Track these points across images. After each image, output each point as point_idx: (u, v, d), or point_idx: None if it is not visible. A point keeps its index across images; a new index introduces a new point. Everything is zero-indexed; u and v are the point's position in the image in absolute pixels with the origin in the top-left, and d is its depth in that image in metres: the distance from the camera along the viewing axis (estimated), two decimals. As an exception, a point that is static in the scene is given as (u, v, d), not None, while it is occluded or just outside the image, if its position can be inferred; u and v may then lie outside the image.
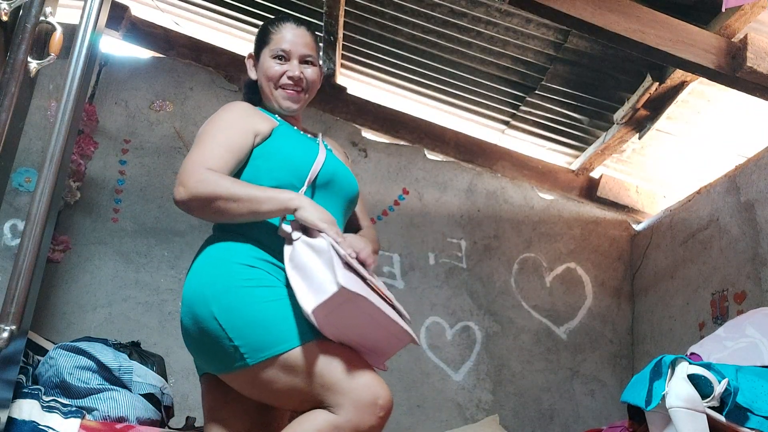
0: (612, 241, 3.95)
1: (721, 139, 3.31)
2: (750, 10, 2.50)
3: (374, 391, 1.37)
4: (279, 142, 1.61)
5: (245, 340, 1.40)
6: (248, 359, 1.40)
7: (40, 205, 1.50)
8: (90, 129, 3.51)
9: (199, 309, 1.46)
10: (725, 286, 3.03)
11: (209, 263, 1.52)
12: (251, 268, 1.48)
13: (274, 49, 1.69)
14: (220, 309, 1.42)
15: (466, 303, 3.74)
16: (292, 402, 1.45)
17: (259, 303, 1.43)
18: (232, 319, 1.41)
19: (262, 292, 1.44)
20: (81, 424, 2.12)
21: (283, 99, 1.69)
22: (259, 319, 1.41)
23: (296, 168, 1.58)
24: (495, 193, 3.91)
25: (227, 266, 1.48)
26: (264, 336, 1.40)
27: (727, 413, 1.73)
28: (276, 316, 1.42)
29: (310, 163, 1.59)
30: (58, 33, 1.55)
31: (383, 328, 1.43)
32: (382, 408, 1.37)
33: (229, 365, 1.44)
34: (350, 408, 1.35)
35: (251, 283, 1.45)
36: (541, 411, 3.66)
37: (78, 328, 3.24)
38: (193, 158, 1.49)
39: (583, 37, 3.03)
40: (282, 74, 1.68)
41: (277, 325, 1.41)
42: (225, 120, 1.58)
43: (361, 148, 3.83)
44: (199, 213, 1.48)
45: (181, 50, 3.75)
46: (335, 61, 3.62)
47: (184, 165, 1.48)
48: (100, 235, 3.42)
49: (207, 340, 1.45)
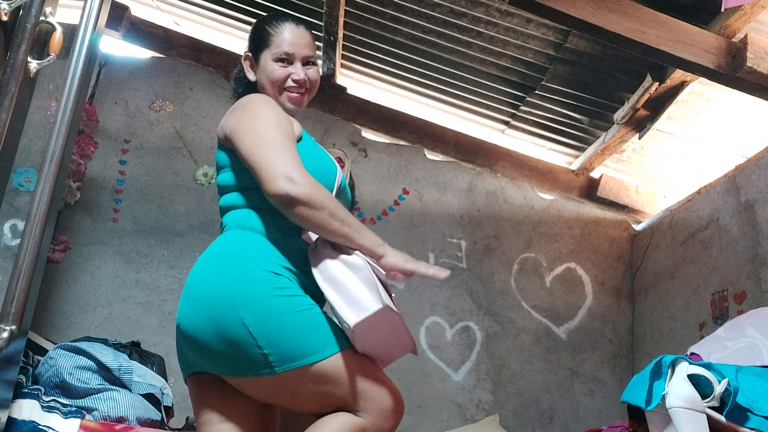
0: (612, 241, 3.95)
1: (721, 139, 3.31)
2: (750, 10, 2.49)
3: (396, 398, 1.48)
4: (311, 147, 1.62)
5: (276, 349, 1.40)
6: (276, 368, 1.40)
7: (40, 205, 1.50)
8: (90, 129, 3.51)
9: (226, 313, 1.42)
10: (725, 286, 3.03)
11: (235, 265, 1.48)
12: (278, 276, 1.47)
13: (276, 51, 1.67)
14: (250, 316, 1.40)
15: (466, 303, 3.74)
16: (314, 406, 1.48)
17: (290, 312, 1.43)
18: (263, 328, 1.40)
19: (293, 301, 1.45)
20: (81, 424, 2.12)
21: (289, 102, 1.69)
22: (290, 329, 1.42)
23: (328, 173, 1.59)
24: (495, 193, 3.91)
25: (256, 272, 1.45)
26: (294, 346, 1.41)
27: (727, 413, 1.73)
28: (306, 326, 1.44)
29: (333, 173, 1.61)
30: (58, 33, 1.55)
31: (398, 340, 1.50)
32: (401, 413, 1.48)
33: (251, 371, 1.43)
34: (375, 413, 1.44)
35: (282, 292, 1.44)
36: (541, 411, 3.66)
37: (78, 328, 3.24)
38: (284, 157, 1.44)
39: (583, 37, 3.03)
40: (287, 77, 1.67)
41: (308, 335, 1.43)
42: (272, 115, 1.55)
43: (361, 148, 3.83)
44: (297, 213, 1.43)
45: (181, 50, 3.75)
46: (335, 61, 3.62)
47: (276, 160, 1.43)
48: (100, 235, 3.42)
49: (227, 344, 1.42)
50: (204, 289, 1.46)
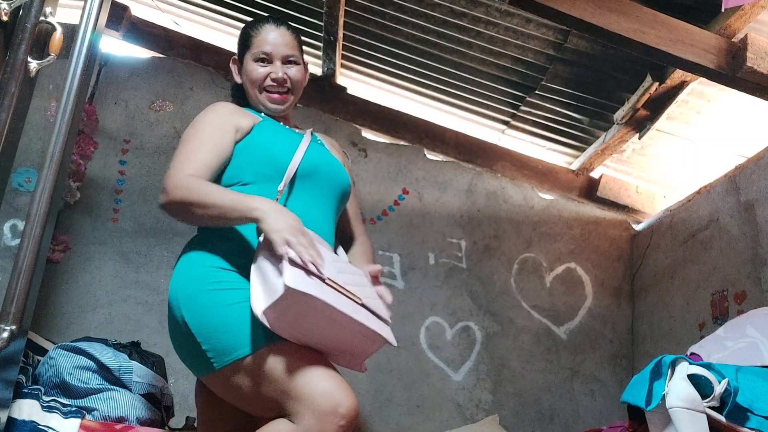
0: (612, 241, 3.95)
1: (721, 139, 3.31)
2: (750, 10, 2.49)
3: (334, 399, 1.31)
4: (259, 137, 1.61)
5: (212, 344, 1.40)
6: (215, 363, 1.40)
7: (40, 205, 1.51)
8: (90, 129, 3.51)
9: (174, 312, 1.48)
10: (725, 286, 3.03)
11: (184, 266, 1.53)
12: (223, 270, 1.47)
13: (255, 52, 1.69)
14: (188, 313, 1.43)
15: (466, 303, 3.74)
16: (259, 407, 1.42)
17: (222, 306, 1.42)
18: (198, 323, 1.42)
19: (228, 295, 1.43)
20: (81, 424, 2.12)
21: (269, 102, 1.69)
22: (223, 323, 1.40)
23: (276, 161, 1.57)
24: (495, 193, 3.91)
25: (198, 270, 1.48)
26: (228, 340, 1.39)
27: (727, 413, 1.73)
28: (239, 318, 1.40)
29: (290, 155, 1.58)
30: (58, 33, 1.55)
31: (346, 329, 1.38)
32: (343, 416, 1.30)
33: (202, 369, 1.45)
34: (308, 416, 1.30)
35: (218, 286, 1.44)
36: (541, 411, 3.66)
37: (78, 328, 3.24)
38: (175, 163, 1.51)
39: (583, 37, 3.03)
40: (265, 77, 1.68)
41: (240, 328, 1.39)
42: (206, 121, 1.59)
43: (361, 148, 3.83)
44: (179, 218, 1.50)
45: (181, 50, 3.75)
46: (335, 61, 3.62)
47: (168, 169, 1.50)
48: (100, 235, 3.42)
49: (182, 343, 1.47)
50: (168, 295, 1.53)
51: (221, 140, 1.55)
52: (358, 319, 1.37)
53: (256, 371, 1.37)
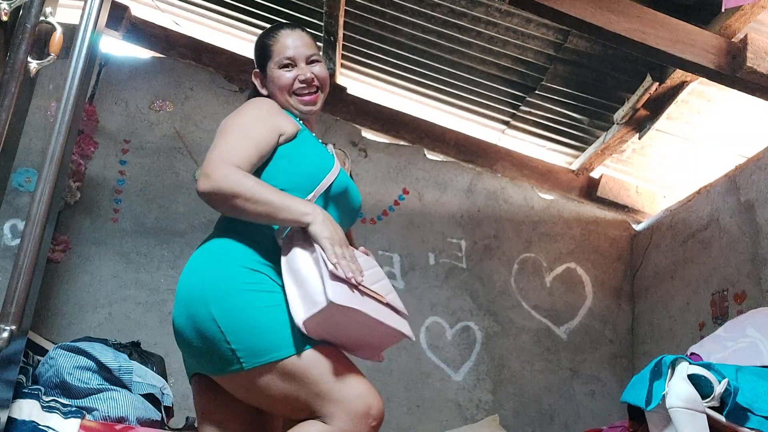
0: (612, 241, 3.95)
1: (721, 139, 3.31)
2: (750, 10, 2.50)
3: (367, 402, 1.38)
4: (304, 147, 1.62)
5: (243, 345, 1.40)
6: (244, 363, 1.40)
7: (40, 205, 1.50)
8: (90, 129, 3.51)
9: (198, 309, 1.45)
10: (725, 286, 3.03)
11: (211, 263, 1.51)
12: (253, 271, 1.47)
13: (278, 59, 1.69)
14: (220, 311, 1.42)
15: (466, 303, 3.74)
16: (285, 409, 1.45)
17: (258, 308, 1.42)
18: (231, 323, 1.41)
19: (263, 297, 1.44)
20: (81, 425, 2.12)
21: (302, 105, 1.70)
22: (258, 325, 1.41)
23: (313, 176, 1.58)
24: (495, 193, 3.91)
25: (229, 268, 1.47)
26: (262, 341, 1.40)
27: (727, 413, 1.74)
28: (275, 322, 1.41)
29: (324, 173, 1.60)
30: (58, 33, 1.55)
31: (375, 330, 1.44)
32: (374, 418, 1.38)
33: (224, 368, 1.44)
34: (343, 418, 1.36)
35: (252, 287, 1.44)
36: (541, 411, 3.66)
37: (78, 328, 3.24)
38: (220, 151, 1.48)
39: (583, 37, 3.03)
40: (294, 80, 1.68)
41: (276, 331, 1.41)
42: (252, 115, 1.58)
43: (361, 148, 3.83)
44: (219, 207, 1.48)
45: (181, 50, 3.75)
46: (335, 61, 3.62)
47: (210, 157, 1.47)
48: (100, 235, 3.42)
49: (203, 341, 1.45)
50: (184, 289, 1.50)
51: (265, 139, 1.55)
52: (388, 322, 1.44)
53: (290, 374, 1.39)
